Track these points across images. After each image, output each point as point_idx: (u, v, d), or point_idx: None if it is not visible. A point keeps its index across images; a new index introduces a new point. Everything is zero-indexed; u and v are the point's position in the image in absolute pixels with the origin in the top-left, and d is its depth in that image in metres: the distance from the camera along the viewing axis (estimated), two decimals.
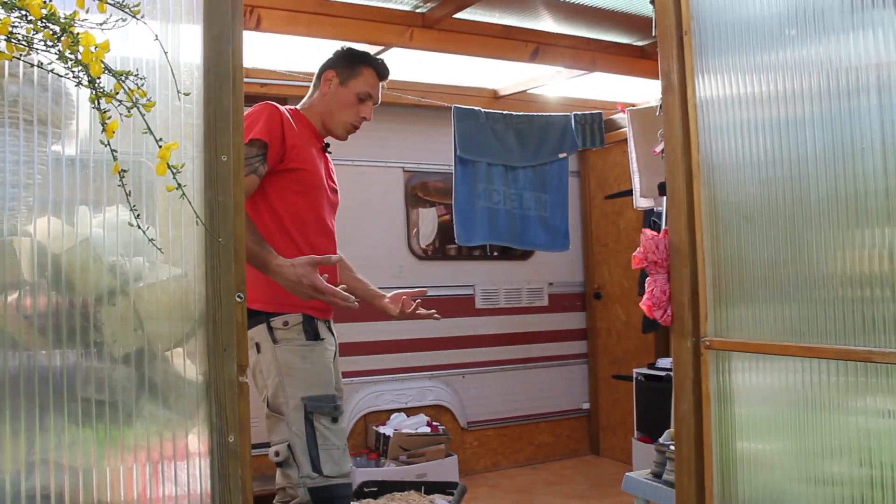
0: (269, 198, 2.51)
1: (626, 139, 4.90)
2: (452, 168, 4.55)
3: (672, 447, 2.85)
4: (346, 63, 2.65)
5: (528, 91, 5.11)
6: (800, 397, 2.03)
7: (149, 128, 1.23)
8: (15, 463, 1.51)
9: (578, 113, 4.79)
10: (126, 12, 1.18)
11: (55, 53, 1.33)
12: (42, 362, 1.54)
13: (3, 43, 1.41)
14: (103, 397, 1.57)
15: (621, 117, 5.14)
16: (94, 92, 1.15)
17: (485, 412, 5.57)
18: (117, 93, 1.17)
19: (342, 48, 2.72)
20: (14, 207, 1.57)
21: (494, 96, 5.18)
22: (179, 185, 1.19)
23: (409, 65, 4.48)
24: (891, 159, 1.83)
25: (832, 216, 1.94)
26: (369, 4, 3.50)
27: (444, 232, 5.56)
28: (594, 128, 4.76)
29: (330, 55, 2.72)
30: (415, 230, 5.45)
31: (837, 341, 1.89)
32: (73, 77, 1.16)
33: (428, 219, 5.51)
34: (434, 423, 5.12)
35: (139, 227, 1.32)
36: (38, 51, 1.43)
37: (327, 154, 2.75)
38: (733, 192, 2.22)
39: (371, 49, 3.83)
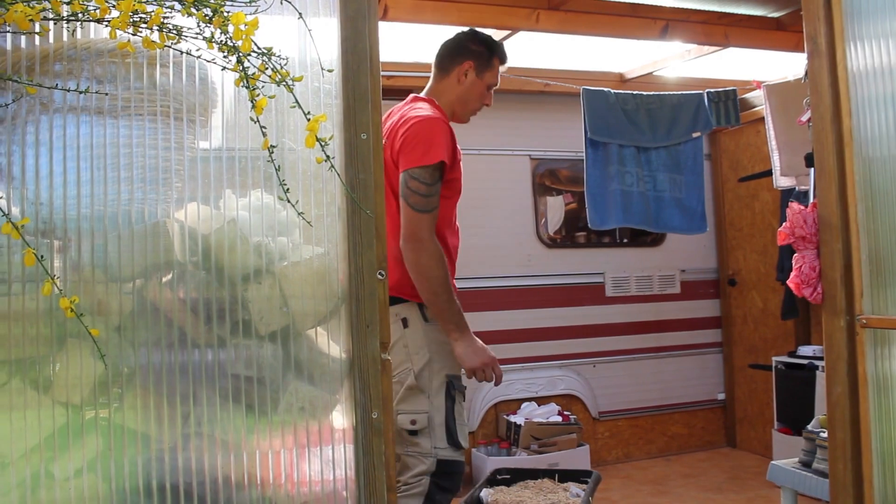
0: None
1: (759, 119, 4.69)
2: (579, 155, 4.48)
3: (823, 434, 2.70)
4: (483, 55, 2.70)
5: (655, 73, 4.97)
6: None
7: (297, 101, 1.26)
8: (172, 435, 1.58)
9: (712, 90, 4.61)
10: None
11: (205, 38, 1.38)
12: (194, 340, 1.60)
13: (157, 33, 1.48)
14: (251, 374, 1.63)
15: (755, 96, 4.92)
16: (242, 70, 1.18)
17: (616, 402, 5.46)
18: (265, 70, 1.20)
19: (473, 35, 2.74)
20: (165, 192, 1.64)
21: (621, 80, 5.06)
22: (328, 156, 1.21)
23: (533, 51, 4.43)
24: None
25: None
26: None
27: (572, 220, 5.49)
28: (728, 105, 4.56)
29: (459, 40, 2.72)
30: (543, 218, 5.40)
31: None
32: (223, 58, 1.19)
33: (555, 206, 5.45)
34: (565, 413, 5.07)
35: (288, 201, 1.35)
36: (187, 38, 1.49)
37: None
38: (893, 160, 2.08)
39: (498, 34, 3.82)
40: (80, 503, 1.52)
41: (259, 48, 1.17)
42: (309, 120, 1.19)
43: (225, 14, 1.15)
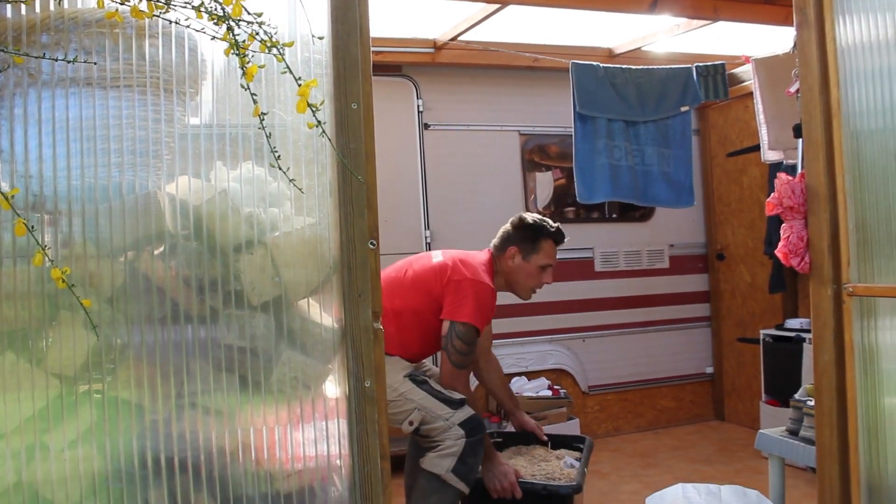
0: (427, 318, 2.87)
1: (748, 94, 4.69)
2: (568, 130, 4.47)
3: (810, 403, 2.73)
4: (528, 240, 2.94)
5: (644, 48, 4.96)
6: None
7: (288, 67, 1.26)
8: (167, 406, 1.59)
9: (700, 64, 4.61)
10: None
11: (194, 7, 1.38)
12: (187, 311, 1.60)
13: (144, 3, 1.47)
14: (244, 344, 1.63)
15: (743, 70, 4.92)
16: (233, 37, 1.18)
17: (605, 376, 5.50)
18: (255, 37, 1.20)
19: (520, 221, 2.99)
20: (156, 164, 1.64)
21: (609, 55, 5.05)
22: (319, 122, 1.21)
23: (522, 25, 4.42)
24: None
25: None
26: None
27: (561, 195, 5.49)
28: (717, 79, 4.56)
29: (507, 228, 3.03)
30: (532, 194, 5.40)
31: None
32: (214, 25, 1.19)
33: (545, 182, 5.45)
34: (555, 387, 5.10)
35: (280, 168, 1.35)
36: (176, 7, 1.48)
37: None
38: (880, 132, 2.09)
39: (490, 7, 3.80)
40: (74, 474, 1.53)
41: (249, 13, 1.16)
42: (300, 86, 1.19)
43: None
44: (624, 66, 4.53)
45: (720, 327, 5.78)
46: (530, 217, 3.00)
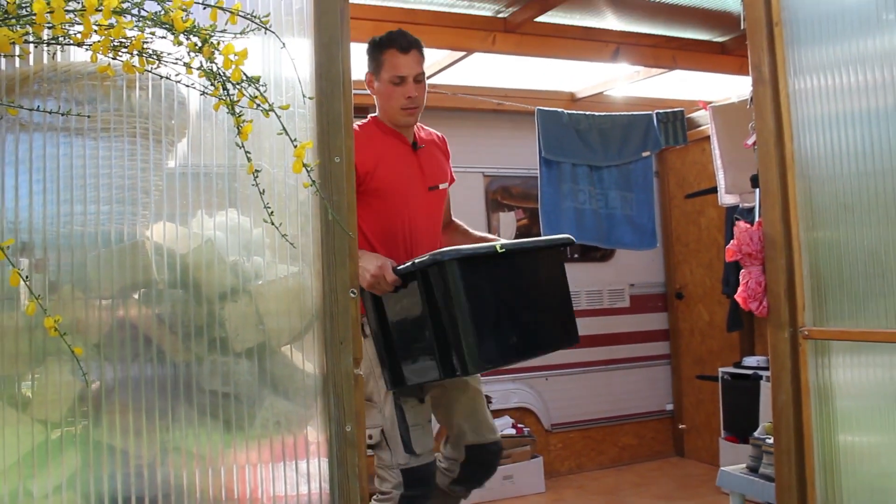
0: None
1: (705, 137, 4.87)
2: (531, 172, 4.59)
3: (769, 440, 2.83)
4: (371, 59, 2.74)
5: (605, 93, 5.12)
6: None
7: (284, 129, 1.32)
8: (151, 450, 1.62)
9: (661, 111, 4.78)
10: (257, 23, 1.27)
11: (185, 63, 1.43)
12: (173, 357, 1.64)
13: (136, 58, 1.53)
14: (228, 390, 1.67)
15: (701, 115, 5.11)
16: (228, 97, 1.24)
17: (568, 414, 5.57)
18: (254, 99, 1.26)
19: (367, 43, 2.77)
20: (143, 212, 1.68)
21: (572, 99, 5.20)
22: (314, 181, 1.27)
23: (487, 70, 4.54)
24: None
25: None
26: (452, 11, 3.58)
27: (523, 235, 5.60)
28: (676, 125, 4.73)
29: None
30: (496, 234, 5.50)
31: None
32: (211, 84, 1.25)
33: (507, 222, 5.56)
34: (519, 426, 5.16)
35: (273, 224, 1.40)
36: (167, 63, 1.54)
37: (419, 150, 2.80)
38: (830, 182, 2.21)
39: (454, 55, 3.91)
40: None
41: (247, 77, 1.23)
42: (296, 147, 1.25)
43: (213, 43, 1.21)
44: (587, 113, 4.67)
45: (679, 365, 5.90)
46: (377, 36, 2.75)
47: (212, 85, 1.25)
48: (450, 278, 2.24)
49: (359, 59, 3.77)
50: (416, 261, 2.31)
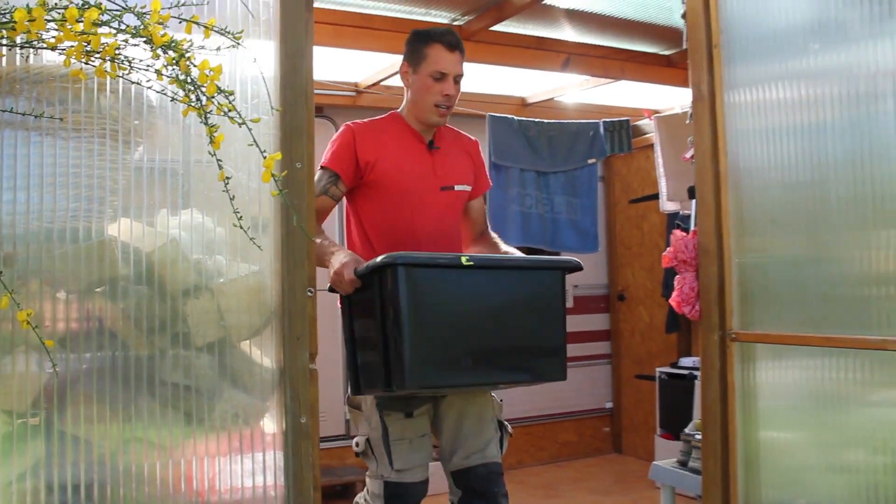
0: (356, 210, 2.64)
1: (650, 145, 5.05)
2: None
3: (698, 436, 2.99)
4: (412, 50, 2.59)
5: (556, 99, 5.27)
6: (819, 385, 2.18)
7: (255, 141, 1.41)
8: (113, 440, 1.69)
9: (607, 120, 4.94)
10: (229, 38, 1.35)
11: (156, 70, 1.51)
12: (136, 351, 1.71)
13: (109, 63, 1.60)
14: (189, 382, 1.75)
15: (647, 124, 5.29)
16: (202, 107, 1.32)
17: (511, 411, 5.67)
18: (228, 114, 1.34)
19: (410, 34, 2.64)
20: (109, 211, 1.75)
21: (523, 104, 5.34)
22: (281, 190, 1.36)
23: None
24: None
25: (851, 218, 2.09)
26: (410, 18, 3.68)
27: None
28: (622, 134, 4.91)
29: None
30: None
31: (854, 331, 2.04)
32: (185, 93, 1.33)
33: None
34: None
35: (242, 228, 1.49)
36: (138, 69, 1.61)
37: (435, 150, 2.65)
38: (759, 195, 2.37)
39: None
40: None
41: (222, 90, 1.31)
42: (265, 158, 1.34)
43: (189, 57, 1.29)
44: (537, 120, 4.81)
45: (619, 364, 6.10)
46: (421, 29, 2.62)
47: (185, 94, 1.33)
48: (400, 284, 2.08)
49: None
50: (375, 261, 2.15)
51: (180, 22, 1.36)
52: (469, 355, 2.22)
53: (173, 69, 1.27)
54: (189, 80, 1.30)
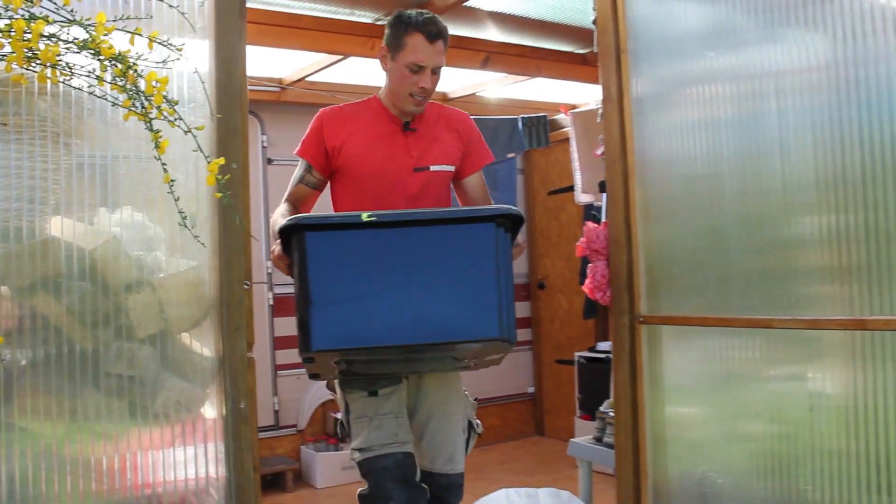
0: (333, 196, 2.65)
1: (567, 139, 5.26)
2: None
3: (611, 414, 3.20)
4: (392, 35, 2.47)
5: (477, 94, 5.43)
6: (717, 362, 2.40)
7: (199, 147, 1.51)
8: (59, 430, 1.77)
9: (525, 116, 5.13)
10: (171, 49, 1.45)
11: (97, 76, 1.60)
12: (81, 345, 1.79)
13: (50, 69, 1.67)
14: (132, 373, 1.84)
15: (564, 118, 5.51)
16: (145, 115, 1.42)
17: None
18: (175, 123, 1.44)
19: (393, 16, 2.50)
20: (51, 211, 1.82)
21: (444, 99, 5.48)
22: (226, 193, 1.47)
23: (363, 69, 4.74)
24: (788, 159, 2.20)
25: (742, 209, 2.31)
26: (334, 17, 3.77)
27: None
28: (540, 129, 5.11)
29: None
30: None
31: (745, 312, 2.26)
32: (131, 101, 1.42)
33: None
34: None
35: (186, 227, 1.59)
36: (79, 75, 1.69)
37: (411, 132, 2.56)
38: (663, 189, 2.57)
39: (331, 58, 4.11)
40: None
41: (169, 101, 1.41)
42: (209, 163, 1.44)
43: (134, 66, 1.38)
44: None
45: (540, 350, 6.33)
46: (407, 11, 2.49)
47: (131, 101, 1.42)
48: (304, 248, 2.02)
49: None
50: (279, 228, 2.09)
51: (124, 33, 1.44)
52: (381, 317, 2.08)
53: (120, 78, 1.36)
54: (136, 91, 1.39)
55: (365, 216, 2.07)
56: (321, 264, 2.04)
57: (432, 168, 2.58)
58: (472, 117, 4.98)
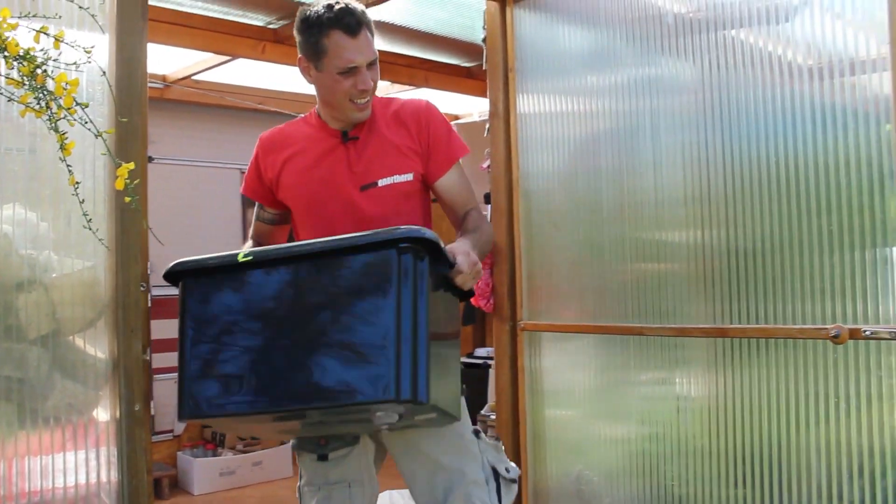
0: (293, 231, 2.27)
1: None
2: None
3: (493, 416, 3.34)
4: (306, 43, 2.03)
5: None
6: (593, 367, 2.57)
7: (109, 152, 1.51)
8: None
9: None
10: (79, 50, 1.45)
11: (3, 75, 1.58)
12: None
13: None
14: (21, 375, 1.81)
15: None
16: (50, 117, 1.41)
17: None
18: (86, 125, 1.44)
19: (298, 22, 2.05)
20: None
21: None
22: (133, 197, 1.48)
23: (250, 71, 4.72)
24: (660, 176, 2.40)
25: (617, 223, 2.49)
26: (225, 18, 3.75)
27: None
28: None
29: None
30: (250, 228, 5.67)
31: (619, 320, 2.43)
32: (37, 102, 1.41)
33: None
34: None
35: (90, 230, 1.58)
36: None
37: (351, 141, 2.08)
38: (545, 202, 2.73)
39: (219, 59, 4.08)
40: None
41: (79, 103, 1.41)
42: (119, 167, 1.45)
43: (44, 68, 1.38)
44: None
45: None
46: (310, 10, 2.01)
47: (37, 103, 1.41)
48: (181, 296, 1.75)
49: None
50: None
51: (29, 32, 1.44)
52: (255, 375, 1.68)
53: (28, 77, 1.35)
54: (44, 92, 1.38)
55: (241, 255, 1.74)
56: (195, 317, 1.73)
57: (381, 182, 2.07)
58: None
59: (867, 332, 1.97)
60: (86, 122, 1.37)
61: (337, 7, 1.98)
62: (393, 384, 1.59)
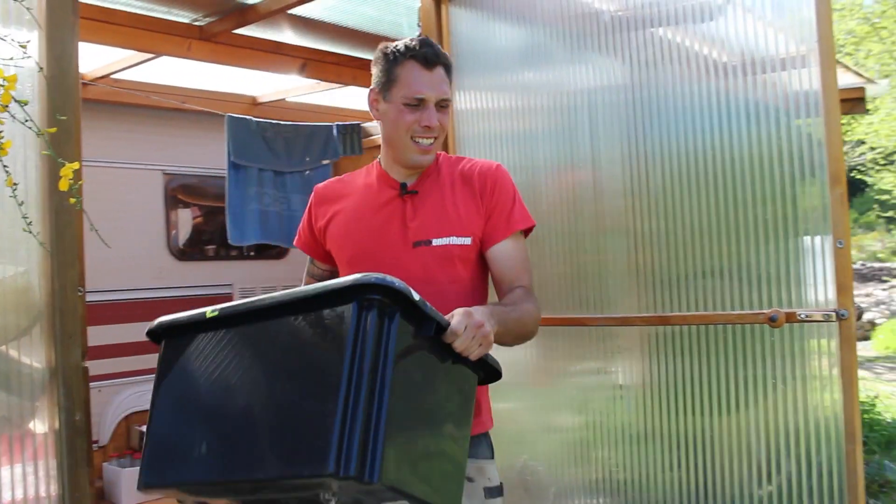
0: None
1: (378, 145, 5.37)
2: (213, 171, 4.77)
3: None
4: (381, 72, 1.95)
5: (287, 99, 5.42)
6: (537, 358, 2.59)
7: (51, 152, 1.44)
8: None
9: (340, 123, 5.19)
10: (16, 46, 1.38)
11: None
12: None
13: None
14: None
15: (374, 126, 5.61)
16: None
17: None
18: (31, 126, 1.37)
19: (377, 51, 1.98)
20: None
21: (253, 103, 5.41)
22: (77, 199, 1.42)
23: (173, 70, 4.60)
24: (599, 169, 2.44)
25: (557, 217, 2.53)
26: (150, 15, 3.64)
27: (200, 233, 5.70)
28: (353, 137, 5.18)
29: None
30: (174, 231, 5.53)
31: (562, 312, 2.47)
32: None
33: (186, 220, 5.63)
34: None
35: (31, 232, 1.51)
36: None
37: (410, 195, 1.96)
38: None
39: (144, 56, 3.96)
40: None
41: (18, 101, 1.34)
42: (63, 166, 1.39)
43: None
44: (274, 121, 4.95)
45: None
46: (392, 43, 1.95)
47: None
48: (159, 356, 1.68)
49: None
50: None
51: None
52: (207, 442, 1.56)
53: None
54: None
55: (209, 312, 1.61)
56: (164, 378, 1.65)
57: (436, 242, 1.93)
58: (287, 123, 5.01)
59: (802, 315, 2.06)
60: (26, 120, 1.31)
61: (418, 40, 1.93)
62: (331, 457, 1.33)
